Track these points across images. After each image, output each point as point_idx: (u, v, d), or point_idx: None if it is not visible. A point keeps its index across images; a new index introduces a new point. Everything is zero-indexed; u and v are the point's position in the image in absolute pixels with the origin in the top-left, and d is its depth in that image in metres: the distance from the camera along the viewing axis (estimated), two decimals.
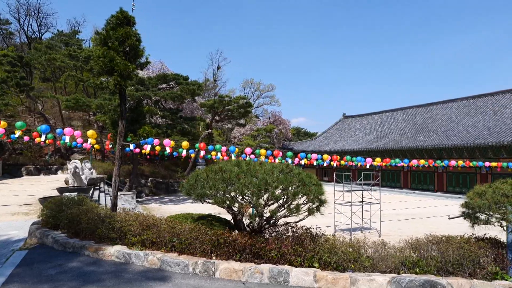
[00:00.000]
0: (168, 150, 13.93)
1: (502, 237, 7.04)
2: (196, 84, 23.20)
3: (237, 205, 6.88)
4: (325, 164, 17.40)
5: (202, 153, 18.37)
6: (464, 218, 7.58)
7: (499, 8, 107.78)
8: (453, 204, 23.43)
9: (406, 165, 20.80)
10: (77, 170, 13.98)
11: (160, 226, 7.42)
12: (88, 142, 13.05)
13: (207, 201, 7.25)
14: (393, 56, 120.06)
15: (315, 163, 18.23)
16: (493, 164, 22.37)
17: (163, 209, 19.00)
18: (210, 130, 28.47)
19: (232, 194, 6.88)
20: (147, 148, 13.68)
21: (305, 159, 17.61)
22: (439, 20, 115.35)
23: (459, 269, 6.33)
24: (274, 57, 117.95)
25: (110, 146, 15.87)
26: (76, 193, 10.75)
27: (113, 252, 7.23)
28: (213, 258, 6.86)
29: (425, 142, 31.71)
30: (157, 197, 25.42)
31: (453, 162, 22.01)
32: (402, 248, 6.94)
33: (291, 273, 6.19)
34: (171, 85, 23.24)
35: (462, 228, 7.85)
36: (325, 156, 16.69)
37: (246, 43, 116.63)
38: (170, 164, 33.20)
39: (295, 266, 6.42)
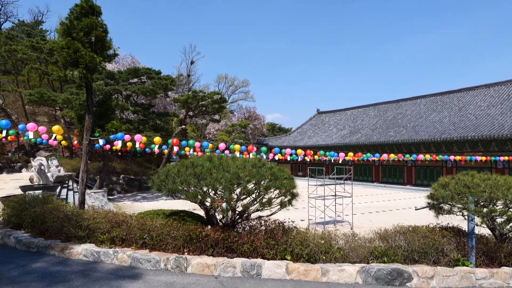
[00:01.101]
0: (139, 145, 13.58)
1: (464, 225, 7.40)
2: (169, 78, 22.73)
3: (209, 200, 6.82)
4: (299, 159, 17.59)
5: (175, 149, 18.08)
6: (429, 209, 7.91)
7: (467, 7, 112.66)
8: (421, 196, 24.40)
9: (377, 159, 21.41)
10: (42, 167, 13.37)
11: (130, 223, 7.24)
12: (54, 138, 12.49)
13: (179, 196, 7.14)
14: (364, 53, 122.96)
15: (289, 158, 18.40)
16: (458, 157, 23.43)
17: (136, 207, 18.57)
18: (184, 126, 28.02)
19: (205, 189, 6.81)
20: (118, 144, 13.27)
21: (279, 154, 17.72)
22: (409, 18, 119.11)
23: (424, 257, 6.59)
24: (248, 53, 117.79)
25: (77, 142, 15.28)
26: (41, 191, 10.28)
27: (80, 250, 6.99)
28: (185, 253, 6.79)
29: (395, 137, 32.75)
30: (129, 194, 24.82)
31: (421, 156, 22.86)
32: (371, 239, 7.15)
33: (264, 266, 6.22)
34: (143, 80, 22.66)
35: (428, 218, 8.18)
36: (299, 151, 16.87)
37: (220, 38, 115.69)
38: (143, 161, 32.46)
39: (268, 259, 6.46)
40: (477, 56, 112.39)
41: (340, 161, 18.51)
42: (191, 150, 18.13)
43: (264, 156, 17.13)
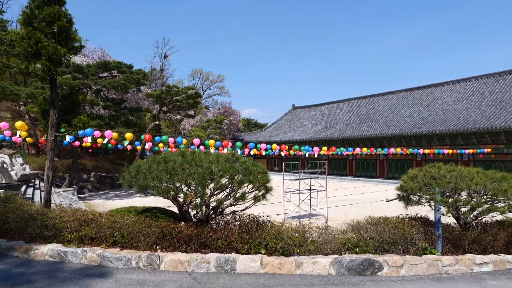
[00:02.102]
0: (110, 142, 13.16)
1: (431, 216, 7.67)
2: (141, 73, 22.12)
3: (182, 195, 6.70)
4: (274, 154, 17.68)
5: (149, 145, 17.66)
6: (399, 200, 8.15)
7: (437, 7, 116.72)
8: (393, 188, 24.99)
9: (351, 153, 21.89)
10: (4, 165, 12.66)
11: (100, 221, 7.00)
12: (18, 135, 11.87)
13: (151, 193, 6.98)
14: (338, 48, 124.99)
15: (264, 153, 18.45)
16: (427, 151, 24.33)
17: (108, 205, 18.03)
18: (157, 122, 27.42)
19: (177, 184, 6.68)
20: (88, 141, 12.80)
21: (255, 149, 17.73)
22: (381, 15, 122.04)
23: (394, 247, 6.79)
24: (223, 48, 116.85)
25: (44, 138, 14.61)
26: (3, 190, 9.74)
27: (46, 251, 6.68)
28: (158, 250, 6.65)
29: (368, 131, 33.58)
30: (101, 192, 24.08)
31: (392, 150, 23.56)
32: (344, 231, 7.28)
33: (238, 261, 6.19)
34: (114, 74, 21.92)
35: (399, 209, 8.42)
36: (274, 146, 16.94)
37: (194, 33, 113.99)
38: (116, 158, 31.56)
39: (242, 254, 6.44)
40: (446, 52, 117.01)
41: (315, 156, 18.77)
42: (165, 146, 17.79)
43: (240, 152, 17.11)
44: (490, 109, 27.33)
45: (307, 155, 18.96)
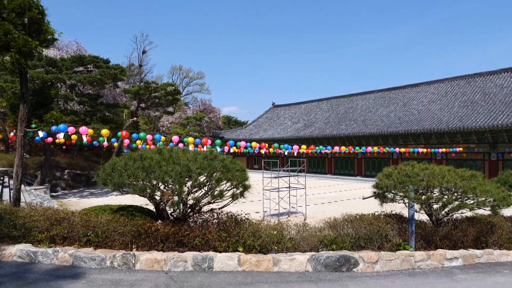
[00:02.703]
0: (85, 139, 12.76)
1: (405, 212, 7.88)
2: (118, 68, 21.54)
3: (159, 193, 6.59)
4: (254, 152, 17.67)
5: (126, 142, 17.24)
6: (375, 198, 8.33)
7: (417, 7, 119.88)
8: (370, 186, 25.62)
9: (330, 151, 22.17)
10: None
11: (72, 220, 6.79)
12: None
13: (127, 191, 6.82)
14: (317, 48, 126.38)
15: (243, 151, 18.42)
16: (402, 149, 24.99)
17: (83, 203, 17.52)
18: (135, 118, 26.84)
19: (154, 182, 6.56)
20: (60, 137, 12.37)
21: (234, 147, 17.66)
22: (360, 15, 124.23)
23: (370, 243, 6.93)
24: (203, 45, 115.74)
25: (13, 134, 13.99)
26: None
27: (15, 251, 6.42)
28: (134, 249, 6.52)
29: (346, 130, 34.14)
30: (75, 190, 23.36)
31: (370, 149, 24.04)
32: (321, 228, 7.36)
33: (216, 259, 6.16)
34: (89, 69, 21.24)
35: (375, 207, 8.59)
36: (254, 144, 16.93)
37: (173, 29, 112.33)
38: (91, 155, 30.68)
39: (220, 252, 6.40)
40: (422, 53, 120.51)
41: (294, 154, 18.90)
42: (143, 143, 17.43)
43: (219, 149, 17.01)
44: (462, 109, 28.37)
45: (286, 153, 19.07)
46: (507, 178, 9.30)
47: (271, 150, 18.84)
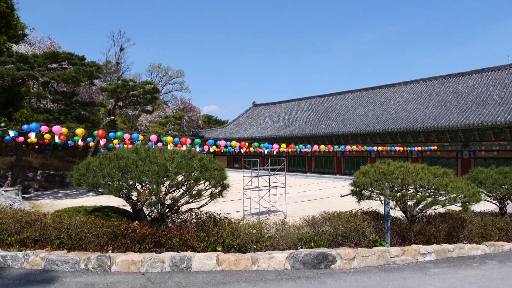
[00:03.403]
0: (58, 139, 12.33)
1: (382, 209, 8.06)
2: (94, 65, 20.95)
3: (135, 193, 6.46)
4: (234, 151, 17.62)
5: (103, 141, 16.81)
6: (353, 195, 8.48)
7: (401, 8, 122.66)
8: (349, 184, 26.14)
9: (309, 150, 22.40)
10: None
11: (44, 222, 6.56)
12: None
13: (102, 191, 6.65)
14: (297, 47, 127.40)
15: (224, 150, 18.34)
16: (380, 148, 25.56)
17: (57, 205, 16.96)
18: (112, 117, 26.24)
19: (130, 182, 6.42)
20: (32, 136, 11.93)
21: (214, 146, 17.56)
22: (343, 17, 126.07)
23: (347, 240, 7.05)
24: (183, 43, 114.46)
25: None
26: None
27: None
28: (110, 251, 6.37)
29: (326, 129, 34.60)
30: (49, 192, 22.59)
31: (348, 147, 24.45)
32: (300, 226, 7.43)
33: (194, 259, 6.10)
34: (64, 66, 20.56)
35: (353, 204, 8.75)
36: (234, 142, 16.89)
37: (152, 26, 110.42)
38: (66, 155, 29.76)
39: (198, 252, 6.35)
40: (400, 54, 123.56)
41: (274, 153, 18.96)
42: (121, 142, 17.06)
43: (199, 149, 16.86)
44: (436, 109, 29.31)
45: (266, 152, 19.12)
46: (477, 175, 9.67)
47: (251, 149, 18.84)
